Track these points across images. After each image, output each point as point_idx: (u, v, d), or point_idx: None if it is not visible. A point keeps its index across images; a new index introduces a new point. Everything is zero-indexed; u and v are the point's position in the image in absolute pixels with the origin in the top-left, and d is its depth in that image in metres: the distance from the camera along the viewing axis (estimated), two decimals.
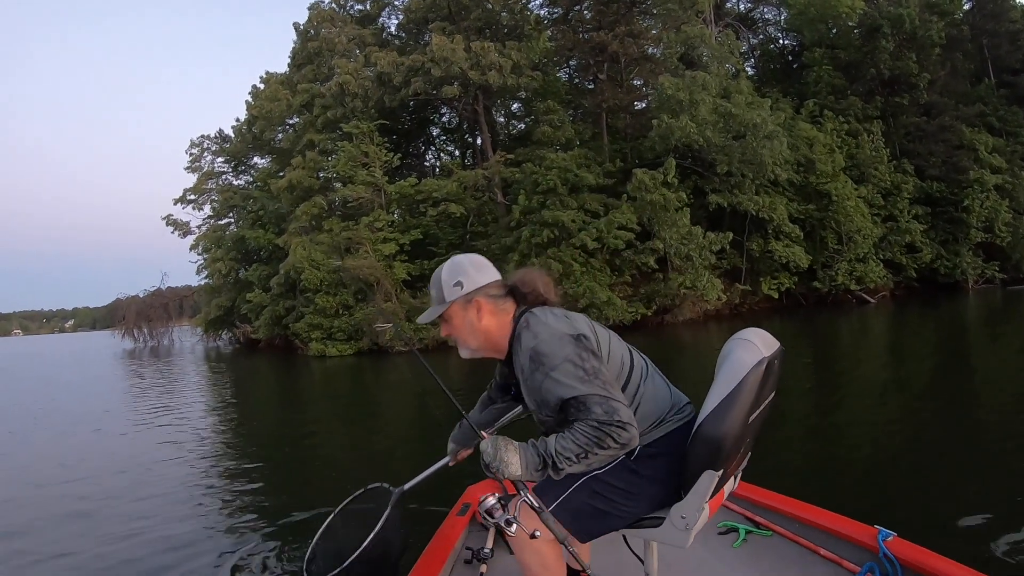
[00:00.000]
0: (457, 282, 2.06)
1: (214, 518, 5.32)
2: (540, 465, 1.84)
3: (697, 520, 1.88)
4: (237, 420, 11.31)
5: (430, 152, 36.50)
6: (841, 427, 6.94)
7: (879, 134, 30.00)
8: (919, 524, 3.70)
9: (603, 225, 23.30)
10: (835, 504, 2.72)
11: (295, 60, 31.21)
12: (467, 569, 2.68)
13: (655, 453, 1.97)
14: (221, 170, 37.93)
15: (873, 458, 5.66)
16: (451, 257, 2.21)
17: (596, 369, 1.84)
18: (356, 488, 2.62)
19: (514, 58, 24.84)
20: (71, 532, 5.28)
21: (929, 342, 14.76)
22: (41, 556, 4.75)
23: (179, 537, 4.90)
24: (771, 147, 24.42)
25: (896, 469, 5.21)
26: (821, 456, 5.89)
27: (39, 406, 14.75)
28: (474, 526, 3.03)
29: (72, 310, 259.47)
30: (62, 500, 6.23)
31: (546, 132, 26.17)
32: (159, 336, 44.05)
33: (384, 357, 21.77)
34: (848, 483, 4.94)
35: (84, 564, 4.58)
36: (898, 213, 29.32)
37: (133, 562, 4.50)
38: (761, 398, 1.91)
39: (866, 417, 7.24)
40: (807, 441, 6.47)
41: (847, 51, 31.65)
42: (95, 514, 5.73)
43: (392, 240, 24.57)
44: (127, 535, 5.05)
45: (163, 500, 5.97)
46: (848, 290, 27.90)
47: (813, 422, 7.31)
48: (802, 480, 5.05)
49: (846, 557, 2.41)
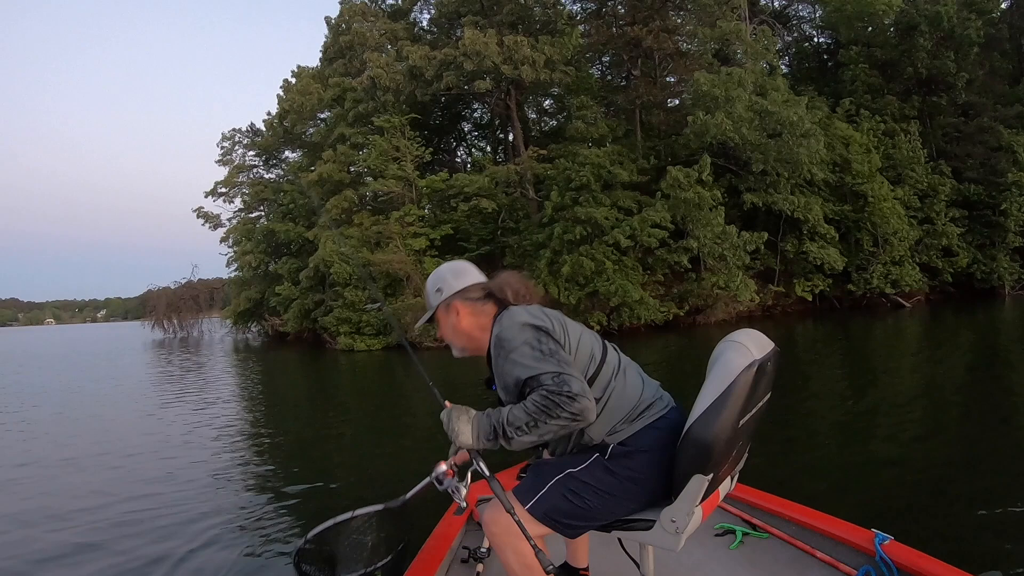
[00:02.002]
0: (438, 289, 2.19)
1: (236, 510, 5.33)
2: (491, 434, 1.90)
3: (687, 524, 1.84)
4: (264, 413, 11.29)
5: (461, 148, 35.82)
6: (848, 431, 6.81)
7: (916, 134, 28.86)
8: (918, 529, 3.73)
9: (636, 223, 22.54)
10: (832, 507, 2.68)
11: (327, 54, 30.70)
12: (463, 568, 2.65)
13: (630, 451, 1.95)
14: (252, 163, 37.55)
15: (875, 463, 5.49)
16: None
17: (553, 351, 1.88)
18: (385, 485, 2.99)
19: (547, 53, 24.06)
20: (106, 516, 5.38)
21: (959, 349, 13.95)
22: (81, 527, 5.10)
23: (203, 525, 4.99)
24: (808, 146, 23.48)
25: (898, 474, 5.08)
26: (820, 457, 5.80)
27: (77, 394, 14.79)
28: (471, 526, 3.02)
29: (104, 300, 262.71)
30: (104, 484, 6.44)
31: (579, 128, 25.37)
32: (188, 327, 44.06)
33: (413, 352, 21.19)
34: (846, 486, 4.87)
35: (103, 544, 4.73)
36: (935, 215, 28.10)
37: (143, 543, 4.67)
38: (753, 401, 1.85)
39: (878, 422, 7.05)
40: (808, 442, 6.36)
41: (883, 50, 30.46)
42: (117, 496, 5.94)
43: (423, 235, 23.99)
44: (149, 517, 5.24)
45: (187, 484, 6.16)
46: (883, 294, 26.80)
47: (817, 425, 7.18)
48: (800, 482, 5.00)
49: (843, 560, 2.38)
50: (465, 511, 2.94)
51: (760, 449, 2.13)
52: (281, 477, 6.45)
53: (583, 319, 21.93)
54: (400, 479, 5.57)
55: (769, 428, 6.84)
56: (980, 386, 9.14)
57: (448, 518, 2.96)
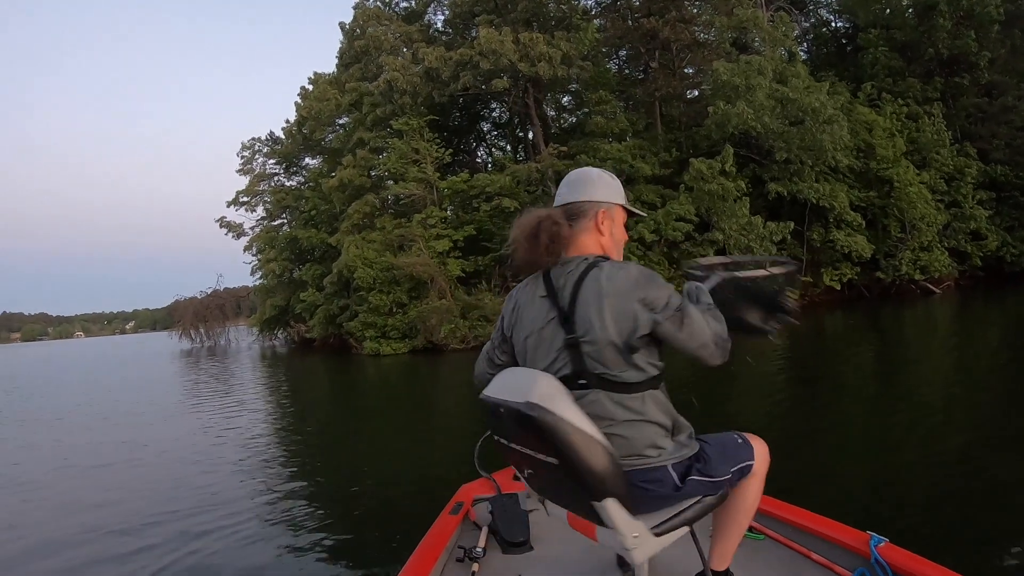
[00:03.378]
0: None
1: (268, 518, 5.35)
2: None
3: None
4: (292, 421, 11.28)
5: (481, 149, 35.32)
6: (853, 430, 6.59)
7: (940, 116, 27.94)
8: (916, 531, 3.68)
9: (661, 216, 22.05)
10: (828, 508, 2.59)
11: (342, 60, 30.34)
12: (459, 568, 2.56)
13: None
14: (273, 171, 37.37)
15: (874, 463, 5.37)
16: None
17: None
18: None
19: (563, 48, 23.60)
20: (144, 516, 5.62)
21: (984, 340, 13.26)
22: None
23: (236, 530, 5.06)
24: (831, 132, 22.85)
25: (896, 475, 4.94)
26: (820, 457, 5.69)
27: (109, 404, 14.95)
28: (466, 525, 2.92)
29: (132, 312, 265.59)
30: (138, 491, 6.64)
31: (599, 123, 24.84)
32: (215, 336, 44.05)
33: (439, 355, 20.99)
34: (845, 487, 4.75)
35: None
36: (962, 199, 27.16)
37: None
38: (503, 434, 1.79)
39: (887, 422, 6.72)
40: (808, 443, 6.19)
41: (903, 31, 29.54)
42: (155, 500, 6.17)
43: (445, 236, 23.52)
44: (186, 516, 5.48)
45: (220, 491, 6.24)
46: (912, 280, 25.97)
47: (819, 424, 6.97)
48: (796, 483, 4.68)
49: (838, 562, 2.31)
50: (461, 510, 2.91)
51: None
52: (316, 480, 6.56)
53: None
54: (433, 480, 5.73)
55: (769, 427, 6.59)
56: (1000, 380, 8.56)
57: (443, 517, 2.86)
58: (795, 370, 11.32)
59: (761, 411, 7.91)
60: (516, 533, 2.62)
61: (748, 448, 1.94)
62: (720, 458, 1.85)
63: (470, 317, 22.06)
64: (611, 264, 1.80)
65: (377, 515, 5.26)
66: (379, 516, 5.23)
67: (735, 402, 8.79)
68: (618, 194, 1.99)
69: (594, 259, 1.83)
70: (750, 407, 8.30)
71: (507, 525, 2.66)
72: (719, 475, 1.83)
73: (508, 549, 2.59)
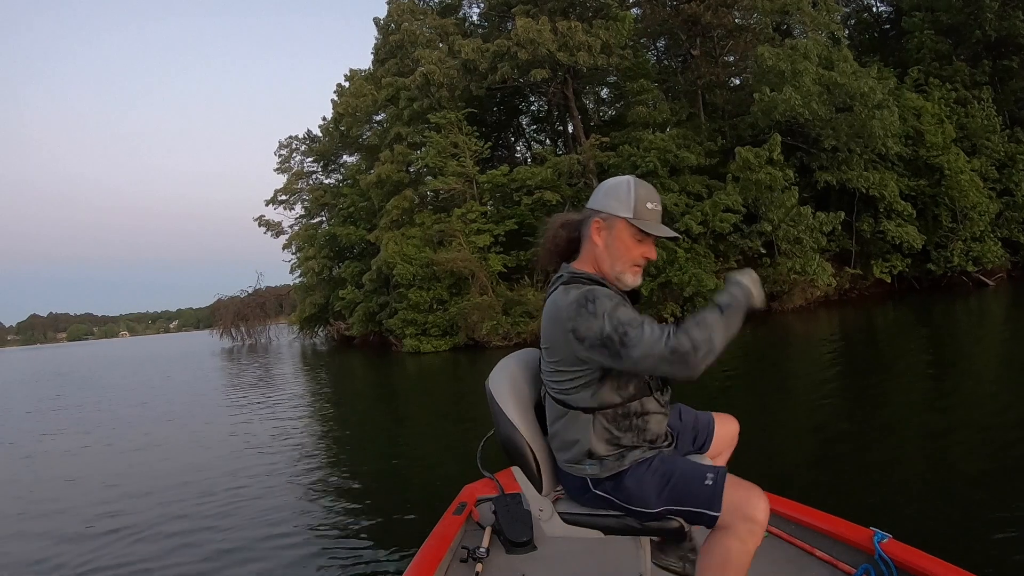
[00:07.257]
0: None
1: (307, 517, 5.24)
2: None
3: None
4: (332, 419, 11.05)
5: (520, 143, 33.96)
6: (863, 430, 6.13)
7: (989, 101, 26.18)
8: (921, 527, 3.54)
9: (708, 208, 20.70)
10: (832, 505, 2.50)
11: (378, 55, 29.25)
12: (462, 568, 2.46)
13: None
14: (311, 169, 36.70)
15: (878, 460, 5.06)
16: None
17: None
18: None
19: (603, 37, 22.35)
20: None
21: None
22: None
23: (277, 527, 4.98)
24: (882, 118, 21.32)
25: (902, 472, 4.72)
26: (819, 457, 5.47)
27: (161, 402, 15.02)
28: (470, 525, 2.82)
29: (176, 311, 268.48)
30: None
31: (641, 113, 23.42)
32: (256, 334, 43.68)
33: (481, 352, 19.96)
34: (846, 484, 4.56)
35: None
36: (1014, 186, 25.12)
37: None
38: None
39: (907, 420, 6.41)
40: (808, 442, 6.03)
41: (948, 13, 27.49)
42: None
43: (486, 231, 22.36)
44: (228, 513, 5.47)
45: (260, 489, 6.16)
46: (964, 272, 24.15)
47: (820, 424, 6.64)
48: (799, 479, 4.76)
49: (841, 559, 2.23)
50: (464, 511, 2.86)
51: (761, 449, 2.40)
52: (325, 479, 6.49)
53: (655, 311, 20.24)
54: (440, 480, 5.58)
55: (770, 429, 6.47)
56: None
57: (447, 517, 2.81)
58: (827, 368, 10.64)
59: (772, 404, 7.87)
60: (519, 533, 2.56)
61: (713, 495, 1.65)
62: (652, 489, 1.71)
63: (512, 313, 20.97)
64: (563, 288, 1.74)
65: (383, 515, 5.11)
66: (385, 516, 5.08)
67: (759, 393, 8.70)
68: (623, 206, 1.80)
69: (568, 274, 1.79)
70: (764, 398, 8.34)
71: (510, 525, 2.59)
72: (637, 504, 1.72)
73: (512, 549, 2.54)
